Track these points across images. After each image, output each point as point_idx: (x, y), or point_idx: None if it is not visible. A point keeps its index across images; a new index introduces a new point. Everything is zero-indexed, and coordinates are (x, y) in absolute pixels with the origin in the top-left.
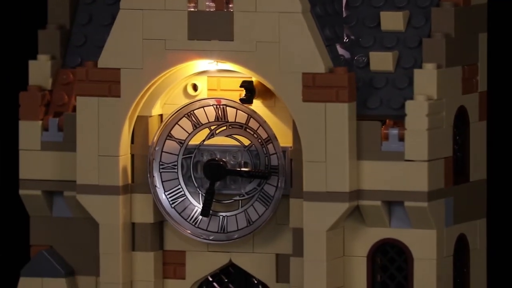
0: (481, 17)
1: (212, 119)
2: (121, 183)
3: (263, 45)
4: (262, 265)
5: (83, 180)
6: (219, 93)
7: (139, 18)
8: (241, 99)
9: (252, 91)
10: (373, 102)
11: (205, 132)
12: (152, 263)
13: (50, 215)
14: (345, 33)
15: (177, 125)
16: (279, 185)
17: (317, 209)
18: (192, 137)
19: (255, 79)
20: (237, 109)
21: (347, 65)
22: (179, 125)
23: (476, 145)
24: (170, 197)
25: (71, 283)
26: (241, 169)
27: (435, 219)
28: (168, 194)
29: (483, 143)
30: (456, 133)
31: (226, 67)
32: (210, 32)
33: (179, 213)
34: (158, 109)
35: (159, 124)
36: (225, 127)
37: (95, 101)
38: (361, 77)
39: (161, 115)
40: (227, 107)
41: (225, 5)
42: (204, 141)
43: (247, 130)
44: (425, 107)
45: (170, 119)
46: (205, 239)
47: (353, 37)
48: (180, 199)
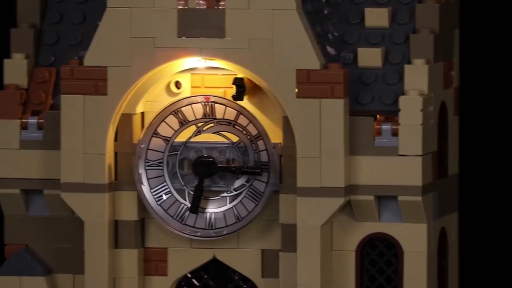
0: (455, 14)
1: (199, 116)
2: (107, 181)
3: (256, 42)
4: (247, 260)
5: (68, 178)
6: (203, 90)
7: (127, 16)
8: (233, 96)
9: (243, 88)
10: (364, 97)
11: (191, 129)
12: (136, 260)
13: (26, 214)
14: (328, 30)
15: (163, 122)
16: (270, 181)
17: (311, 204)
18: (178, 135)
19: (244, 76)
20: (226, 106)
21: (334, 62)
22: (165, 122)
23: (452, 139)
24: (155, 194)
25: (50, 281)
26: (233, 165)
27: (426, 213)
28: (153, 191)
29: (456, 138)
30: (439, 127)
31: (214, 64)
32: (200, 29)
33: (165, 210)
34: (140, 106)
35: (141, 122)
36: (212, 124)
37: (81, 99)
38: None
39: (143, 113)
40: (216, 104)
41: (216, 3)
42: (190, 138)
43: (236, 126)
44: (420, 102)
45: (156, 116)
46: (192, 236)
47: (336, 34)
48: (165, 196)
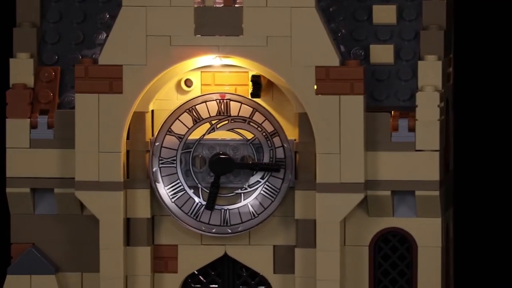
0: (450, 11)
1: (213, 114)
2: (122, 179)
3: (274, 39)
4: (258, 257)
5: (83, 176)
6: (213, 88)
7: (142, 14)
8: (251, 93)
9: (260, 85)
10: (379, 94)
11: (205, 126)
12: (149, 257)
13: (32, 213)
14: (337, 27)
15: (177, 120)
16: (286, 177)
17: (330, 200)
18: (191, 132)
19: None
20: (242, 103)
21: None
22: (179, 120)
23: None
24: (170, 192)
25: (60, 279)
26: (252, 162)
27: (441, 208)
28: (168, 188)
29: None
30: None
31: (228, 62)
32: (217, 27)
33: (179, 207)
34: (151, 105)
35: (152, 120)
36: (226, 121)
37: (95, 98)
38: None
39: (153, 111)
40: (231, 102)
41: (233, 1)
42: (204, 135)
43: (251, 123)
44: (437, 98)
45: (171, 114)
46: (208, 233)
47: (344, 31)
48: (179, 194)
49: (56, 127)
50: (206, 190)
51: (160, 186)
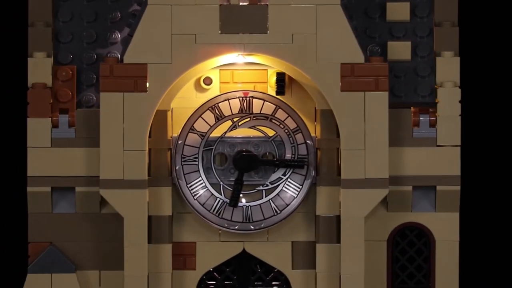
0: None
1: (236, 111)
2: (146, 177)
3: (299, 37)
4: (277, 253)
5: (107, 175)
6: (232, 86)
7: (168, 13)
8: (276, 91)
9: (284, 83)
10: (399, 90)
11: (227, 124)
12: (170, 254)
13: (50, 211)
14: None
15: (200, 118)
16: (309, 173)
17: (355, 196)
18: (213, 130)
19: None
20: (265, 101)
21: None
22: (202, 118)
23: None
24: (192, 189)
25: (80, 278)
26: (277, 158)
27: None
28: (190, 186)
29: None
30: None
31: (252, 60)
32: (242, 25)
33: (201, 205)
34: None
35: (171, 118)
36: (248, 119)
37: (120, 96)
38: None
39: (172, 109)
40: (254, 99)
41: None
42: (226, 132)
43: (273, 121)
44: (458, 94)
45: (194, 112)
46: (230, 229)
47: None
48: (201, 191)
49: (77, 126)
50: (227, 187)
51: (182, 183)
